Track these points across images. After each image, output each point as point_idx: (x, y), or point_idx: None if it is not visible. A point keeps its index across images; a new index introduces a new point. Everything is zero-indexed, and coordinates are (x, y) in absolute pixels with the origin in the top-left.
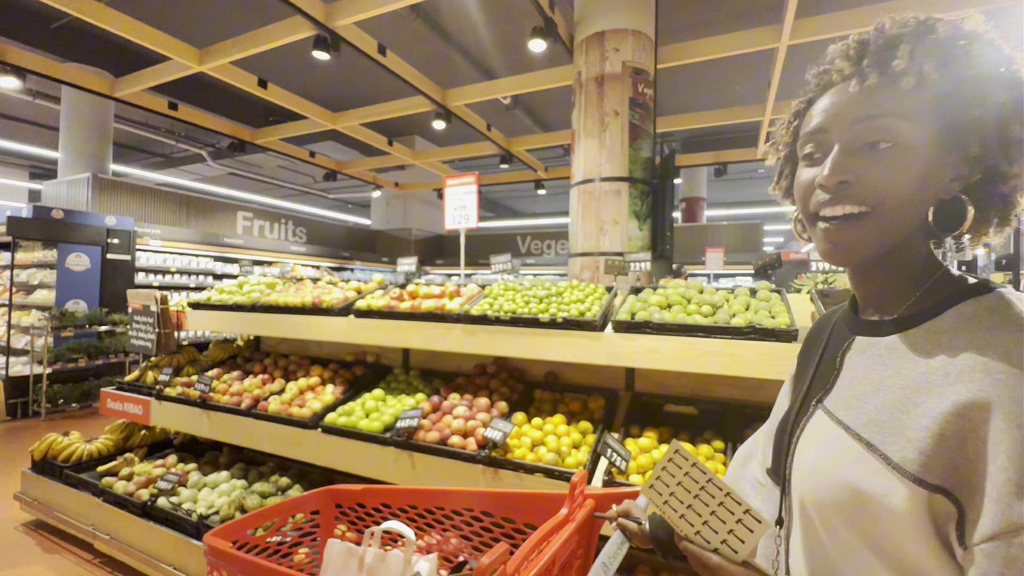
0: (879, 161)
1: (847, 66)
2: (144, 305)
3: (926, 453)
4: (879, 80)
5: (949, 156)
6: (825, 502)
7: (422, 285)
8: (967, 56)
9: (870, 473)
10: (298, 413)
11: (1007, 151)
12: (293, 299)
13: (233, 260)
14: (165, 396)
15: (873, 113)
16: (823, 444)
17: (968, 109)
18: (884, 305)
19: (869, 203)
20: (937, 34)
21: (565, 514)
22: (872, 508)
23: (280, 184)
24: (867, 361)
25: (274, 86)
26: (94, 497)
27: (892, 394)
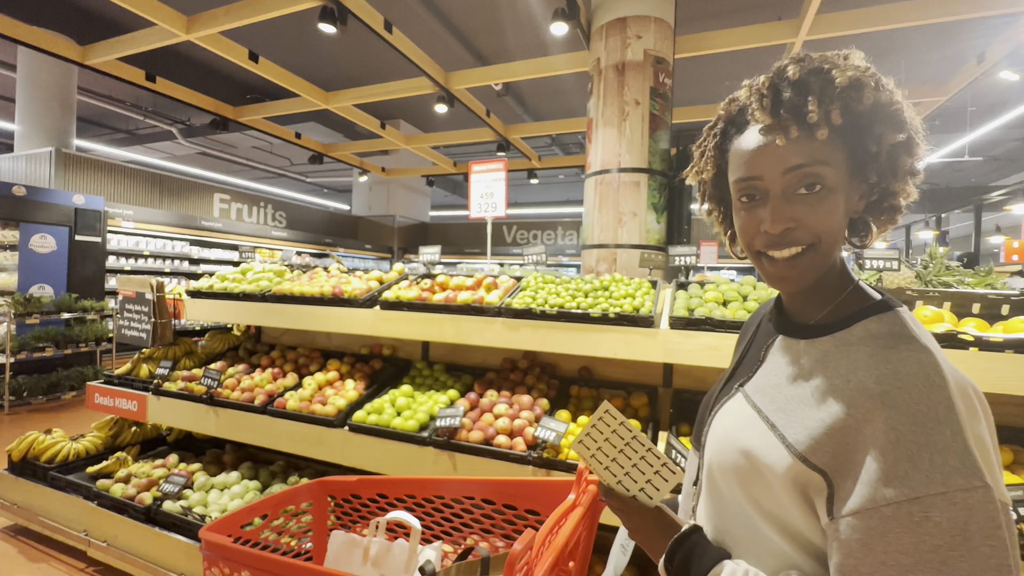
0: (813, 205)
1: (765, 116)
2: (137, 292)
3: (816, 440)
4: (798, 133)
5: (855, 184)
6: (727, 464)
7: (451, 276)
8: (860, 100)
9: (768, 446)
10: (322, 411)
11: (895, 175)
12: (309, 288)
13: (211, 244)
14: (164, 391)
15: (800, 163)
16: (735, 419)
17: (867, 147)
18: (806, 311)
19: (808, 241)
20: (835, 83)
21: (573, 499)
22: (763, 473)
23: (254, 166)
24: (785, 359)
25: (266, 61)
26: (86, 501)
27: (800, 390)
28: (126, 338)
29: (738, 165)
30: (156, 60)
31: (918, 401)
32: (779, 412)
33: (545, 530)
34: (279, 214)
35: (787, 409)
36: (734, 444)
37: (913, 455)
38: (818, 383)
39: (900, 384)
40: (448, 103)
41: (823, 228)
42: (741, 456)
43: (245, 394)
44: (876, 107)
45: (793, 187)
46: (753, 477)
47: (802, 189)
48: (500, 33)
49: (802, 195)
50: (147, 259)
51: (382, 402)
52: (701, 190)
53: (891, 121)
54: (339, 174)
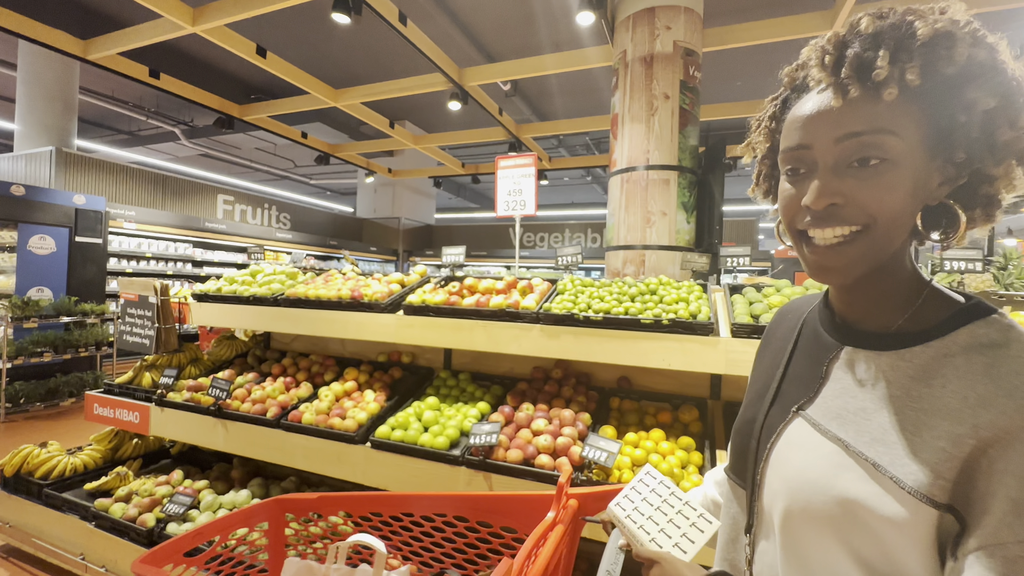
0: (867, 179)
1: (824, 76)
2: (140, 296)
3: (941, 475)
4: (860, 93)
5: (935, 162)
6: (816, 515)
7: (479, 278)
8: (950, 58)
9: (875, 493)
10: (341, 425)
11: (994, 154)
12: (326, 292)
13: (215, 246)
14: (169, 402)
15: (857, 130)
16: (813, 456)
17: (954, 115)
18: (873, 316)
19: (860, 222)
20: (917, 36)
21: (553, 518)
22: (872, 525)
23: (257, 167)
24: (864, 375)
25: (274, 56)
26: (83, 522)
27: (902, 415)
28: (128, 344)
29: (789, 133)
30: (159, 58)
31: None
32: (877, 445)
33: (523, 555)
34: (283, 216)
35: (887, 441)
36: (823, 491)
37: None
38: (926, 406)
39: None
40: (462, 100)
41: (879, 208)
42: (836, 506)
43: (256, 406)
44: (970, 67)
45: (847, 158)
46: (857, 531)
47: (857, 162)
48: (510, 32)
49: (856, 168)
50: (149, 261)
51: (407, 416)
52: (757, 170)
53: (988, 85)
54: (343, 176)
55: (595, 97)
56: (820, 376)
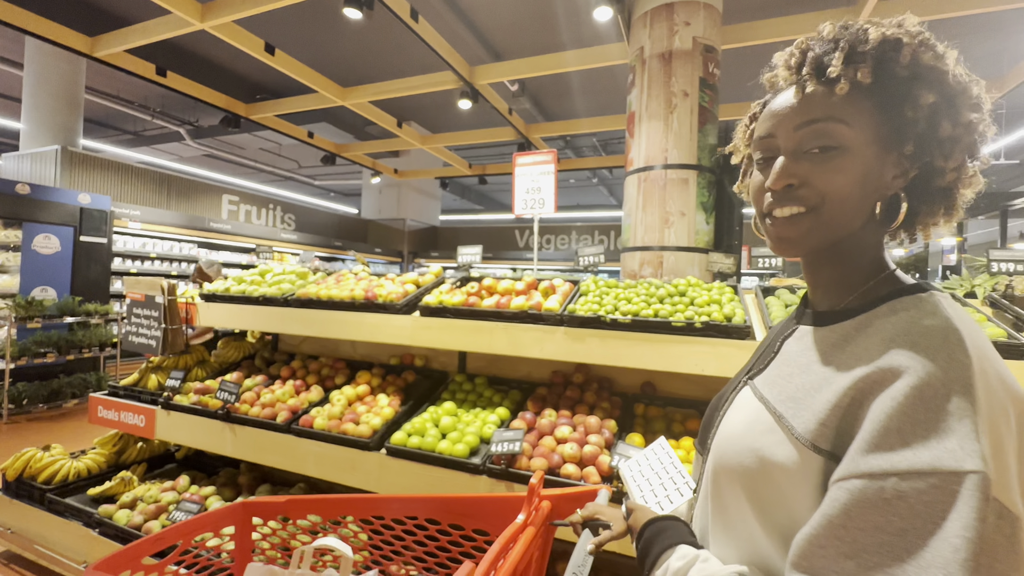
0: (820, 163)
1: (788, 75)
2: (147, 295)
3: (824, 423)
4: (816, 87)
5: (890, 156)
6: (732, 466)
7: (498, 279)
8: (897, 60)
9: (775, 442)
10: (354, 431)
11: (940, 148)
12: (338, 292)
13: (220, 247)
14: (175, 405)
15: (812, 119)
16: (742, 415)
17: (901, 110)
18: (828, 298)
19: (812, 203)
20: (868, 40)
21: (523, 520)
22: (772, 474)
23: (261, 168)
24: (799, 347)
25: (282, 53)
26: (87, 528)
27: (813, 376)
28: (133, 345)
29: (759, 126)
30: (165, 57)
31: (929, 375)
32: (788, 401)
33: (489, 559)
34: (288, 216)
35: (796, 398)
36: (739, 443)
37: (904, 429)
38: (832, 367)
39: (916, 355)
40: (472, 99)
41: (827, 188)
42: (747, 455)
43: (266, 410)
44: (915, 68)
45: (804, 144)
46: (760, 479)
47: (814, 148)
48: (517, 30)
49: (813, 153)
50: (153, 261)
51: (423, 421)
52: (742, 171)
53: (933, 84)
54: (347, 177)
55: (603, 97)
56: (774, 352)
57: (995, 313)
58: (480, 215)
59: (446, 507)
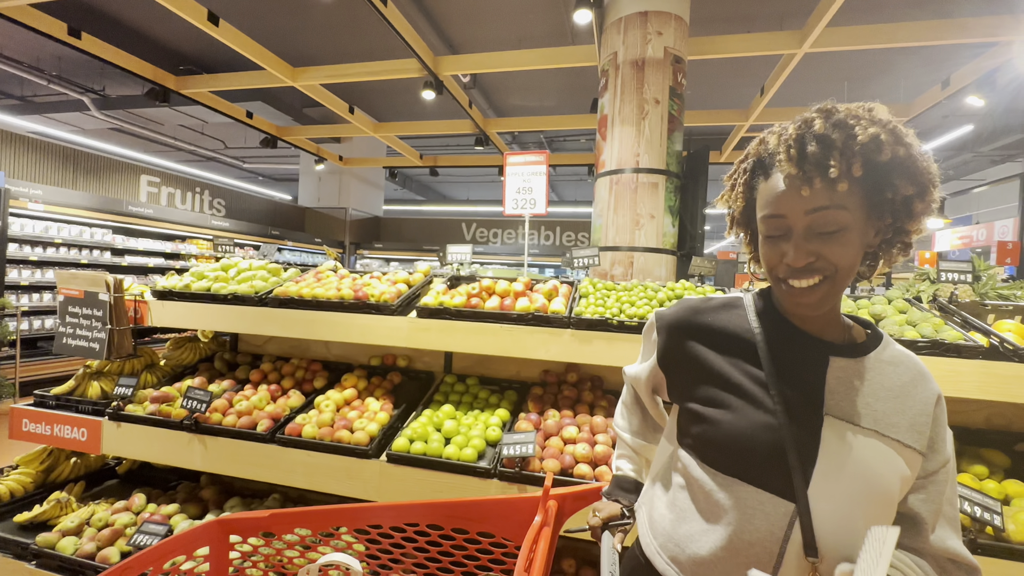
0: (831, 242)
1: (791, 167)
2: (87, 292)
3: (923, 433)
4: (821, 183)
5: (872, 223)
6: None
7: (495, 279)
8: (880, 155)
9: (903, 461)
10: (350, 438)
11: (909, 217)
12: (323, 291)
13: (139, 233)
14: (128, 416)
15: (820, 206)
16: (862, 448)
17: (883, 193)
18: (828, 333)
19: (828, 272)
20: (857, 140)
21: (541, 520)
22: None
23: (181, 146)
24: (852, 377)
25: (227, 25)
26: (19, 561)
27: (887, 403)
28: (69, 349)
29: (766, 203)
30: (75, 17)
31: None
32: (895, 429)
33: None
34: (217, 202)
35: (895, 424)
36: (881, 472)
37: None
38: (895, 391)
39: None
40: (436, 90)
41: (841, 261)
42: (887, 479)
43: (243, 418)
44: (894, 161)
45: (815, 227)
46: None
47: (823, 229)
48: (476, 22)
49: (822, 234)
50: (59, 248)
51: (423, 426)
52: (730, 215)
53: (907, 173)
54: (280, 161)
55: (555, 96)
56: (822, 382)
57: (943, 316)
58: (423, 207)
59: (449, 512)
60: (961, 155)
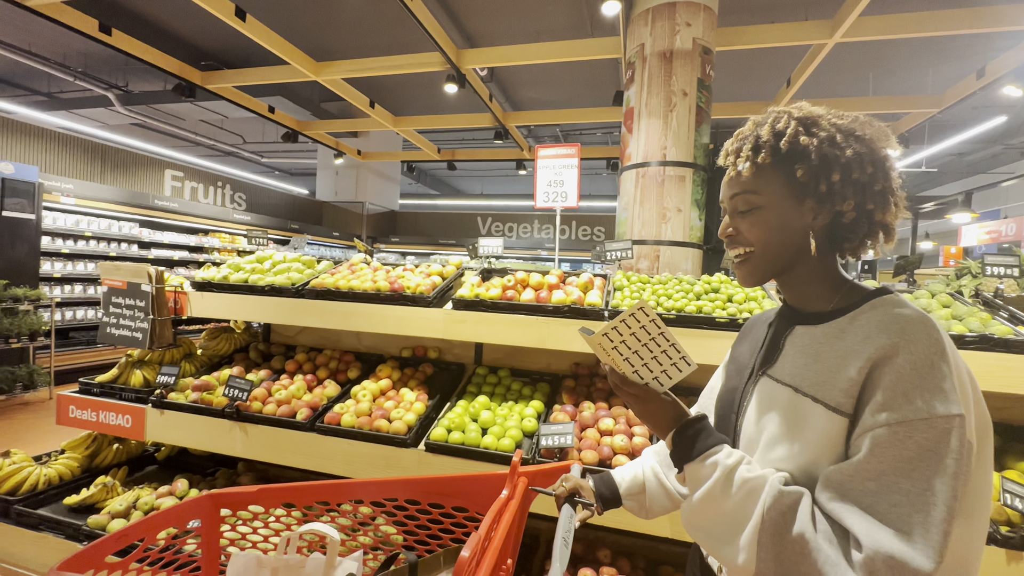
0: (744, 220)
1: (723, 159)
2: (129, 283)
3: (850, 394)
4: (735, 171)
5: (802, 204)
6: (777, 439)
7: (528, 272)
8: (781, 143)
9: (814, 417)
10: (388, 428)
11: (830, 197)
12: (359, 283)
13: (164, 226)
14: (171, 403)
15: (735, 192)
16: (773, 401)
17: (794, 175)
18: (810, 304)
19: (747, 246)
20: (763, 136)
21: (507, 495)
22: (809, 439)
23: (201, 141)
24: (806, 341)
25: (254, 20)
26: (72, 542)
27: (828, 362)
28: (113, 338)
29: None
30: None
31: (918, 351)
32: (815, 386)
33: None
34: (239, 196)
35: (820, 381)
36: (781, 421)
37: (908, 391)
38: (840, 353)
39: (905, 337)
40: (459, 83)
41: (755, 237)
42: (791, 429)
43: (282, 407)
44: (793, 149)
45: (736, 207)
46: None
47: (740, 208)
48: (494, 16)
49: (740, 213)
50: (88, 241)
51: (460, 416)
52: None
53: (802, 158)
54: (296, 156)
55: (569, 90)
56: (779, 347)
57: (989, 311)
58: (437, 200)
59: (426, 488)
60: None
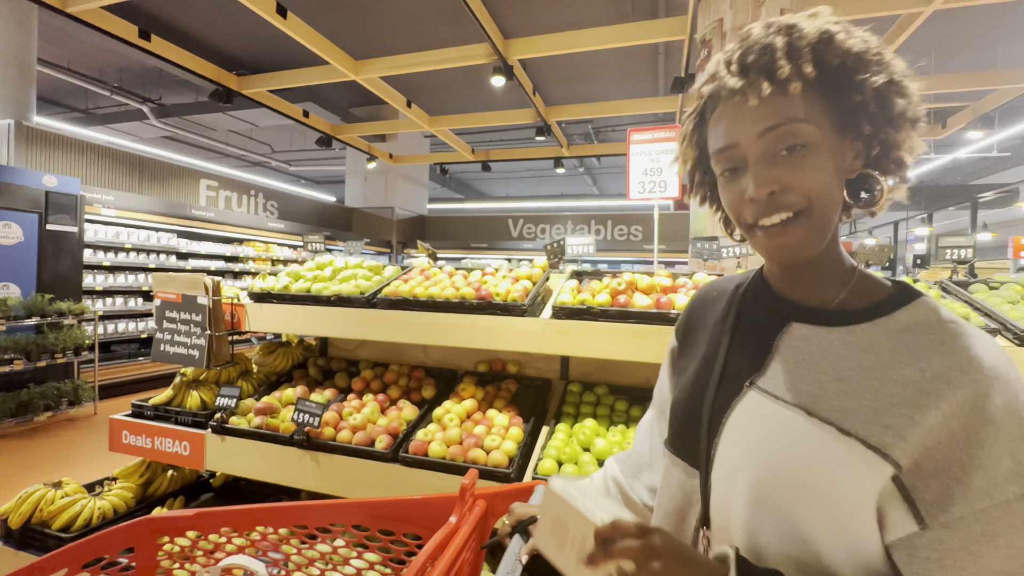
0: (795, 164)
1: (735, 81)
2: (184, 296)
3: (904, 438)
4: (771, 90)
5: (846, 140)
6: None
7: (639, 274)
8: (832, 50)
9: (841, 454)
10: (486, 459)
11: (892, 122)
12: (439, 291)
13: (201, 236)
14: (232, 429)
15: (775, 123)
16: (773, 425)
17: (851, 95)
18: (812, 294)
19: (800, 205)
20: (804, 36)
21: (455, 523)
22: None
23: (229, 152)
24: (815, 348)
25: (295, 17)
26: None
27: (857, 384)
28: (167, 356)
29: (716, 138)
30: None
31: (1008, 391)
32: (843, 414)
33: (418, 565)
34: (271, 204)
35: (846, 407)
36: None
37: (1013, 448)
38: (878, 374)
39: (989, 374)
40: (507, 75)
41: (812, 188)
42: (804, 471)
43: (358, 434)
44: (851, 54)
45: (772, 149)
46: (818, 495)
47: (783, 150)
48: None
49: (783, 156)
50: (128, 253)
51: (565, 443)
52: (689, 176)
53: (872, 65)
54: (323, 163)
55: (601, 84)
56: (769, 350)
57: None
58: (464, 203)
59: (374, 512)
60: None
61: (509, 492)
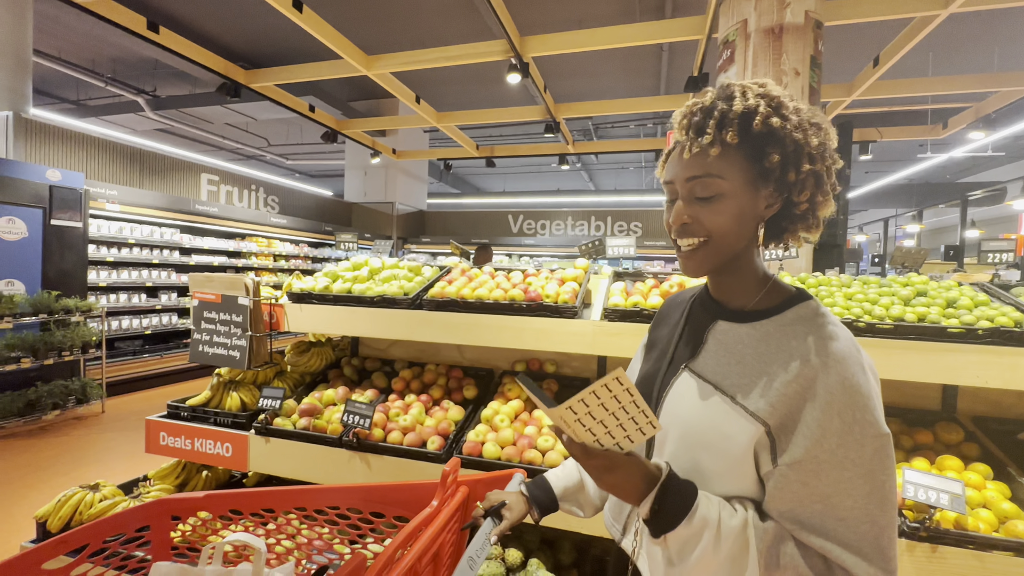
0: (705, 206)
1: (679, 134)
2: (224, 296)
3: (773, 406)
4: (698, 149)
5: (759, 192)
6: (695, 438)
7: (685, 277)
8: (754, 122)
9: (733, 417)
10: (543, 461)
11: (795, 186)
12: (486, 292)
13: (204, 231)
14: (277, 430)
15: (696, 174)
16: (694, 396)
17: (762, 161)
18: (735, 299)
19: (703, 235)
20: (733, 110)
21: (436, 506)
22: (728, 440)
23: (224, 145)
24: (729, 339)
25: (310, 11)
26: None
27: (751, 366)
28: (206, 357)
29: (665, 171)
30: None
31: (846, 370)
32: (737, 388)
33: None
34: (272, 199)
35: (741, 384)
36: (699, 417)
37: (842, 411)
38: (764, 358)
39: (835, 357)
40: (523, 73)
41: (713, 227)
42: (710, 429)
43: (409, 435)
44: (769, 129)
45: (693, 192)
46: (718, 445)
47: (700, 194)
48: (535, 4)
49: (699, 199)
50: (132, 248)
51: None
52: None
53: (785, 140)
54: (320, 158)
55: (604, 80)
56: (701, 341)
57: None
58: (462, 199)
59: (366, 496)
60: None
61: (490, 479)
